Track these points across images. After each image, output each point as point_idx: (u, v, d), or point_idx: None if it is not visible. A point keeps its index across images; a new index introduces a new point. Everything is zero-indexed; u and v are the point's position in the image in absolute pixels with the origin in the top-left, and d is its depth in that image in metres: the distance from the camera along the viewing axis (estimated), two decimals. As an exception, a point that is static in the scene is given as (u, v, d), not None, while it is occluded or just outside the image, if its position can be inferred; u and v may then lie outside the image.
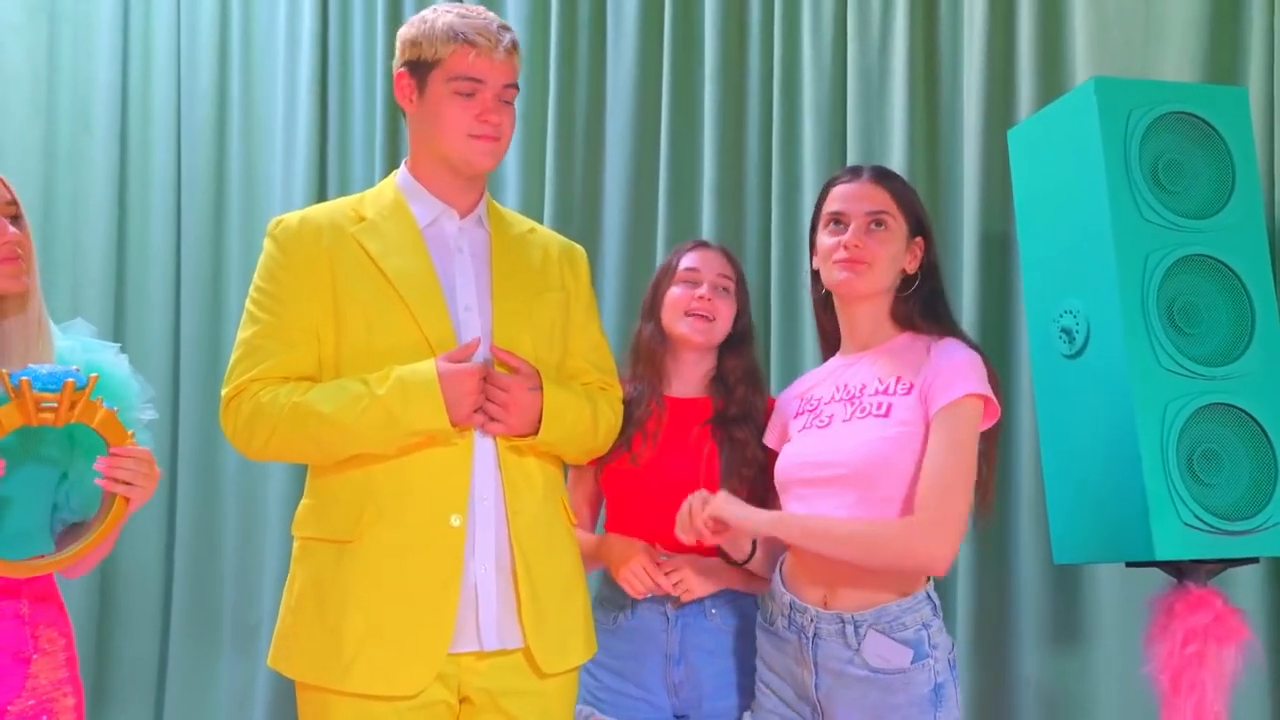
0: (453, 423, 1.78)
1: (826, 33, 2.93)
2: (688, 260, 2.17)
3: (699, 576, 2.01)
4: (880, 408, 1.86)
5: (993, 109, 2.75)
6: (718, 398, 2.13)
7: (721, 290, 2.14)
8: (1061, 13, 2.71)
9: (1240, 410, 2.08)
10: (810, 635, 1.86)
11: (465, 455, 1.82)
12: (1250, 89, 2.44)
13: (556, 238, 2.11)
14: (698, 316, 2.11)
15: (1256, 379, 2.11)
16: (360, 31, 3.39)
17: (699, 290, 2.12)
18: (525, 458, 1.87)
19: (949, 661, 1.84)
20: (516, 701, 1.83)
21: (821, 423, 1.94)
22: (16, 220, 1.69)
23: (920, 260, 1.96)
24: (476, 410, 1.81)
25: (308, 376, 1.85)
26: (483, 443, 1.84)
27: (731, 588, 2.05)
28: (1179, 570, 2.11)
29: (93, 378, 1.61)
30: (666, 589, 2.00)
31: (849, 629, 1.83)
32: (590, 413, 1.94)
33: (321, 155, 3.40)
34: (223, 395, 1.86)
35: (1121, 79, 2.32)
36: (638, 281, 3.01)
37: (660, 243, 3.03)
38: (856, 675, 1.82)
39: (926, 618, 1.83)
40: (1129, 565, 2.23)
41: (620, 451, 2.08)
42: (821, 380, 2.02)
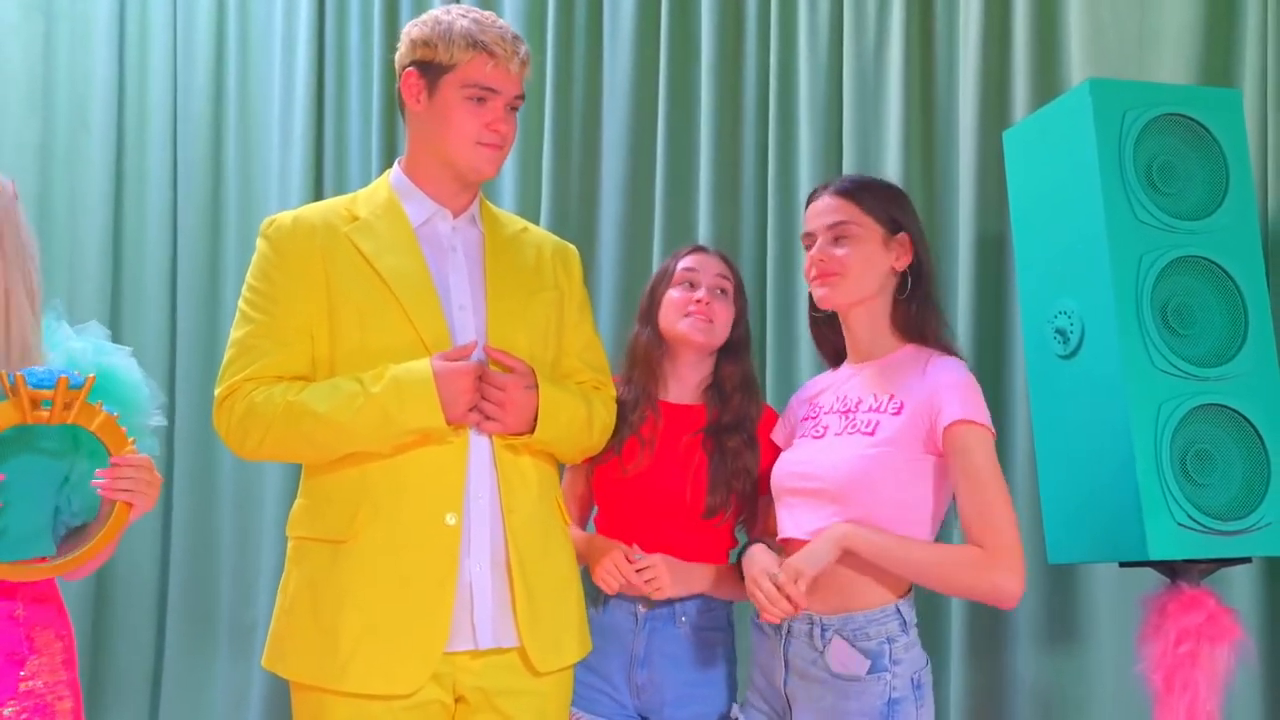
0: (448, 421, 1.78)
1: (823, 34, 2.93)
2: (685, 262, 2.16)
3: (671, 576, 2.00)
4: (868, 425, 1.89)
5: (988, 110, 2.75)
6: (713, 406, 2.12)
7: (719, 292, 2.13)
8: (1057, 14, 2.72)
9: (1233, 411, 2.08)
10: (785, 632, 1.90)
11: (460, 454, 1.82)
12: (1244, 91, 2.45)
13: (549, 237, 2.11)
14: (697, 317, 2.10)
15: (1249, 380, 2.11)
16: (357, 29, 3.38)
17: (697, 293, 2.11)
18: (520, 456, 1.87)
19: (913, 680, 1.84)
20: (511, 701, 1.83)
21: (817, 433, 1.97)
22: None
23: (911, 255, 1.96)
24: (472, 409, 1.81)
25: (301, 376, 1.85)
26: (478, 441, 1.84)
27: (706, 594, 2.04)
28: (1172, 570, 2.11)
29: (89, 379, 1.60)
30: (639, 586, 1.99)
31: (816, 631, 1.86)
32: (585, 411, 1.95)
33: (318, 153, 3.39)
34: (216, 395, 1.86)
35: (1116, 81, 2.32)
36: (634, 282, 3.01)
37: (656, 243, 3.03)
38: (818, 676, 1.85)
39: (892, 632, 1.84)
40: (1123, 565, 2.23)
41: (613, 454, 2.07)
42: (828, 387, 2.03)
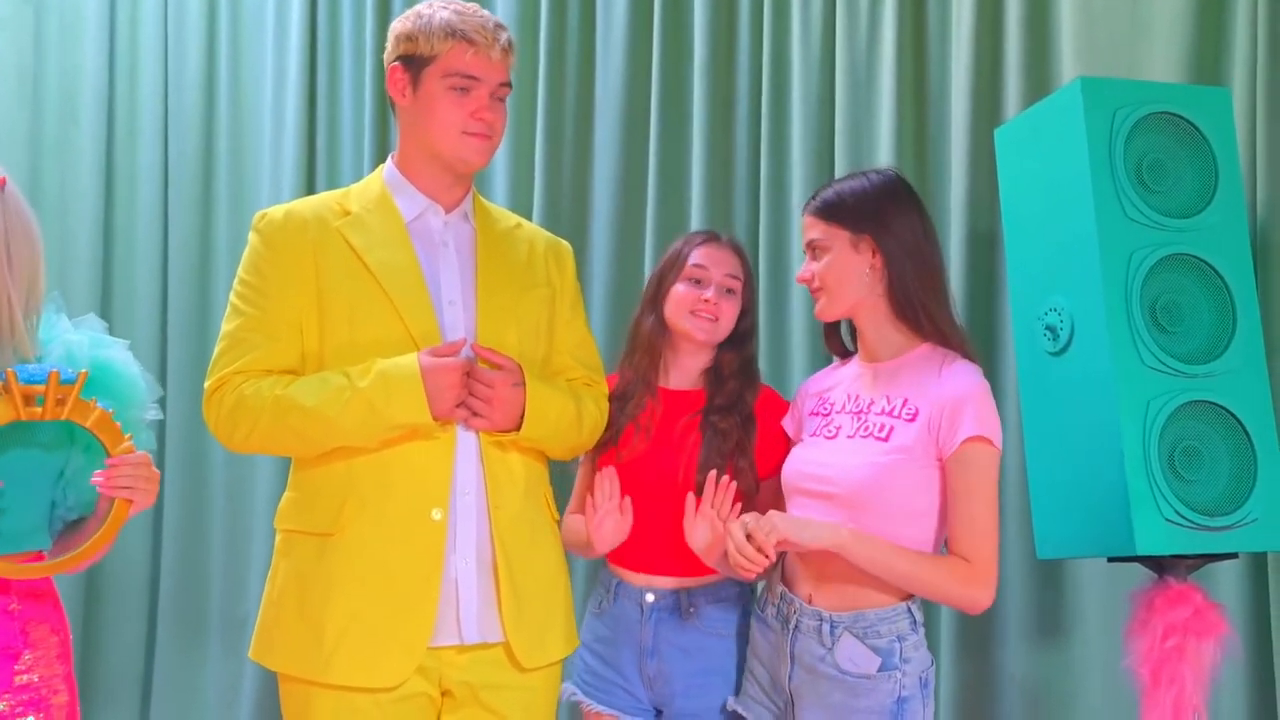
0: (434, 417, 1.78)
1: (815, 31, 2.92)
2: (696, 257, 2.13)
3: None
4: (881, 430, 1.88)
5: (980, 108, 2.75)
6: (711, 390, 2.12)
7: (727, 292, 2.12)
8: (1048, 12, 2.72)
9: (1221, 408, 2.09)
10: (792, 627, 1.89)
11: (447, 450, 1.82)
12: (1234, 90, 2.46)
13: (542, 233, 2.10)
14: (702, 317, 2.10)
15: (1237, 377, 2.11)
16: (349, 23, 3.37)
17: (705, 292, 2.10)
18: (508, 453, 1.87)
19: (920, 679, 1.85)
20: (497, 695, 1.83)
21: (829, 433, 1.96)
22: None
23: (878, 253, 1.92)
24: (459, 405, 1.81)
25: (291, 370, 1.85)
26: (465, 437, 1.84)
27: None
28: (1160, 565, 2.12)
29: (81, 374, 1.59)
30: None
31: (825, 627, 1.85)
32: (574, 409, 1.94)
33: (310, 147, 3.37)
34: (206, 387, 1.86)
35: (1107, 79, 2.32)
36: (626, 279, 3.01)
37: (649, 239, 3.02)
38: (826, 673, 1.85)
39: (903, 630, 1.85)
40: (1111, 560, 2.23)
41: (610, 444, 2.07)
42: (839, 383, 2.02)
